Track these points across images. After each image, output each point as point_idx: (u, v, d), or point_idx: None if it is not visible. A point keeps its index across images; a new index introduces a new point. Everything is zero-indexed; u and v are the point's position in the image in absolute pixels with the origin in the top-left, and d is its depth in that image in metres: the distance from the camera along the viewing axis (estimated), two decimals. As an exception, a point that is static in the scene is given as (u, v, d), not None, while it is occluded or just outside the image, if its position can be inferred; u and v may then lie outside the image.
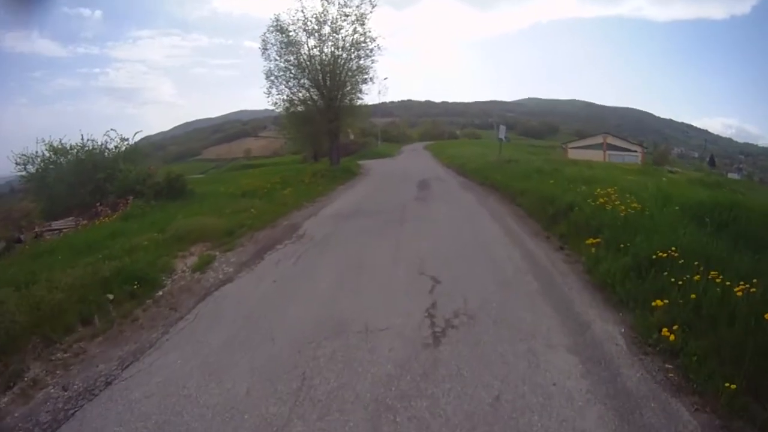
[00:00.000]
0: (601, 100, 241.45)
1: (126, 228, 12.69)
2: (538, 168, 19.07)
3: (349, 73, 28.79)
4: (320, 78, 28.42)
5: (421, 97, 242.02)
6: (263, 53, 28.27)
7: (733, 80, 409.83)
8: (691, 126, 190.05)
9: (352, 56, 28.42)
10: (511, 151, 50.83)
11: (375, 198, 17.29)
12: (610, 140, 64.79)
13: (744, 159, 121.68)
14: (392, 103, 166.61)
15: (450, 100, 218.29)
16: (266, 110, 30.15)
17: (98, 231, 13.14)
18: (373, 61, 28.96)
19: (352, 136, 66.61)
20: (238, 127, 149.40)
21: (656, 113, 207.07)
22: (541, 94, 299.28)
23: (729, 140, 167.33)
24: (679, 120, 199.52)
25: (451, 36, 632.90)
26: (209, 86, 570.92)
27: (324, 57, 28.07)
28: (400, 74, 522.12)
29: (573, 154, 57.95)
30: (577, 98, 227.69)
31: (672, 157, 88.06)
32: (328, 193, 19.20)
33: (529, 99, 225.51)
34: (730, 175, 72.46)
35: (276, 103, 29.17)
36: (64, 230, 15.48)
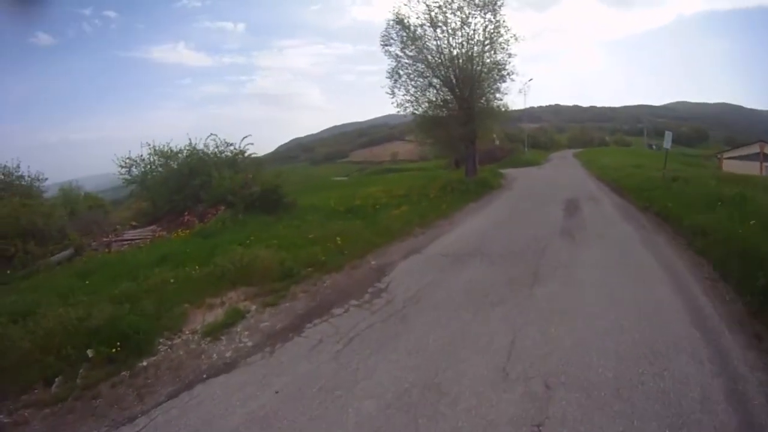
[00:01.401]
0: (751, 104, 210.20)
1: (180, 251, 10.66)
2: (716, 192, 14.04)
3: (484, 69, 24.77)
4: (450, 75, 24.71)
5: (568, 101, 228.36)
6: (384, 49, 24.93)
7: None
8: None
9: (486, 49, 24.40)
10: (656, 161, 44.29)
11: (507, 228, 13.09)
12: None
13: None
14: (540, 107, 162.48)
15: (598, 104, 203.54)
16: (414, 115, 26.83)
17: (156, 250, 11.46)
18: (510, 55, 24.62)
19: (497, 142, 63.01)
20: (385, 130, 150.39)
21: None
22: (690, 98, 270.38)
23: None
24: None
25: (594, 37, 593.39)
26: (357, 91, 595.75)
27: (453, 51, 24.36)
28: (547, 78, 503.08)
29: (728, 165, 49.77)
30: (726, 101, 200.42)
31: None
32: (450, 215, 15.49)
33: (678, 102, 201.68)
34: None
35: (401, 105, 25.62)
36: (136, 241, 13.71)
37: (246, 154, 19.13)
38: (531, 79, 53.70)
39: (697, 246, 9.70)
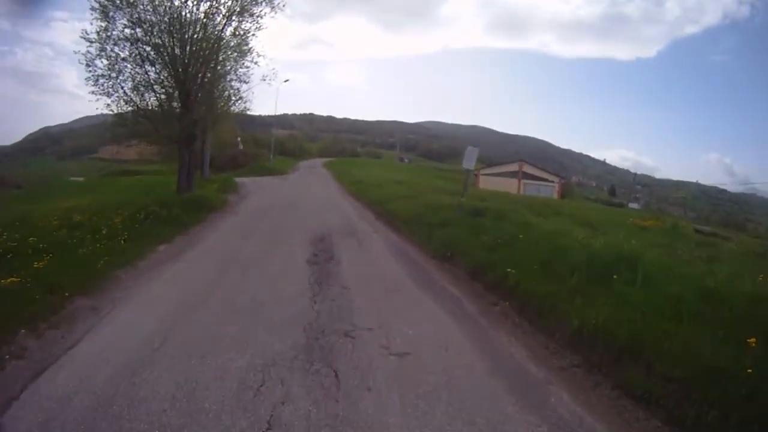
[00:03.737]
0: (502, 128, 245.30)
1: None
2: (572, 241, 9.48)
3: (220, 43, 17.78)
4: (174, 46, 16.91)
5: (323, 112, 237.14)
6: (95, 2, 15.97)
7: (632, 116, 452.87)
8: (589, 157, 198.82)
9: (232, 15, 17.51)
10: (416, 175, 42.90)
11: (196, 330, 6.06)
12: (526, 168, 60.05)
13: (641, 189, 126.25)
14: (294, 115, 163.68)
15: (352, 117, 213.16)
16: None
17: None
18: (259, 28, 18.09)
19: (241, 146, 56.97)
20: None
21: (555, 143, 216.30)
22: (444, 119, 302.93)
23: (626, 171, 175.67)
24: (578, 150, 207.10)
25: (360, 54, 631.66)
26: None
27: (187, 15, 16.90)
28: (305, 87, 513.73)
29: (485, 182, 52.87)
30: (479, 124, 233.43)
31: (571, 185, 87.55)
32: (110, 282, 8.10)
33: (431, 122, 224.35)
34: (631, 205, 71.78)
35: (97, 81, 16.70)
36: None
37: None
38: (287, 80, 48.39)
39: (632, 387, 4.72)
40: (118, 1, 15.89)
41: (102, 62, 16.42)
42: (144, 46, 16.71)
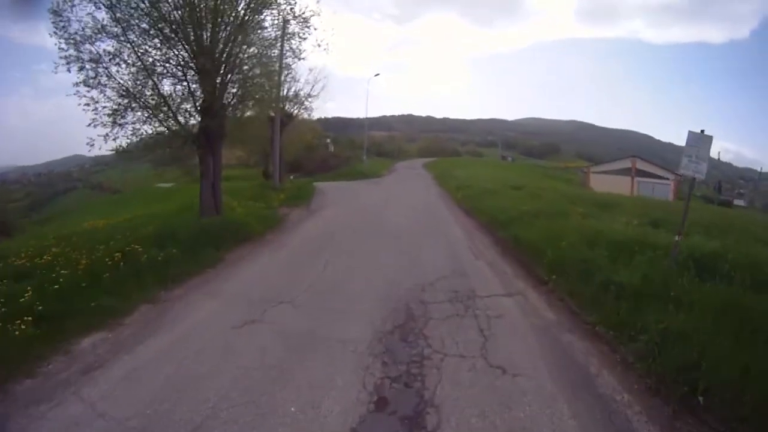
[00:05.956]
0: (601, 122, 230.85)
1: None
2: None
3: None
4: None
5: (422, 112, 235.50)
6: None
7: (731, 104, 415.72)
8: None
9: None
10: (526, 175, 39.50)
11: None
12: (640, 165, 52.58)
13: (744, 184, 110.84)
14: (393, 116, 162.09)
15: (451, 116, 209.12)
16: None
17: None
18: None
19: (332, 148, 53.36)
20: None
21: (656, 136, 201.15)
22: (542, 114, 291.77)
23: (729, 165, 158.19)
24: (679, 144, 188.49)
25: (453, 52, 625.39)
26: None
27: None
28: (401, 89, 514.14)
29: (597, 181, 47.72)
30: (577, 119, 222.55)
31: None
32: None
33: (530, 119, 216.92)
34: (736, 202, 65.01)
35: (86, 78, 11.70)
36: None
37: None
38: (377, 74, 43.61)
39: None
40: None
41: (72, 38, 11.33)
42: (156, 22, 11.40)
